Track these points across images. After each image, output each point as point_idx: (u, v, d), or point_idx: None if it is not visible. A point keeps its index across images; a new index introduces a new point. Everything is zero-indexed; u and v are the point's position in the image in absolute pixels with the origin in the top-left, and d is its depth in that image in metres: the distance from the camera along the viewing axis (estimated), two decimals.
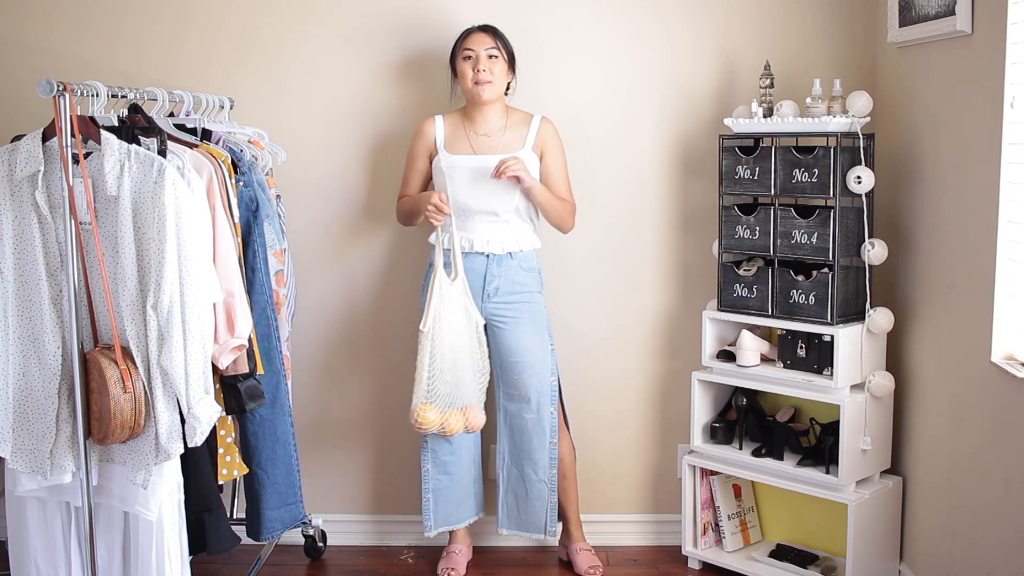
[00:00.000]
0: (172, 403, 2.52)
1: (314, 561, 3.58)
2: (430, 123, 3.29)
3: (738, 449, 3.37)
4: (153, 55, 3.49)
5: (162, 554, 2.60)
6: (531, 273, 3.29)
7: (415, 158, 3.31)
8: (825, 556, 3.35)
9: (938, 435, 3.00)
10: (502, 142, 3.24)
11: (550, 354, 3.31)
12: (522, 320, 3.27)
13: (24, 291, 2.56)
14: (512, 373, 3.28)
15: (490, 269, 3.23)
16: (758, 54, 3.40)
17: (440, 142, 3.26)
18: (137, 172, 2.48)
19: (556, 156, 3.28)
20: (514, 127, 3.26)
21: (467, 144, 3.24)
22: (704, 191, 3.49)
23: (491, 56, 3.18)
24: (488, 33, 3.21)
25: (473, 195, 3.19)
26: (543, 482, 3.34)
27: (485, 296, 3.24)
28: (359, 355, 3.64)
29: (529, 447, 3.31)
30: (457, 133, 3.26)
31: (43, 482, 2.59)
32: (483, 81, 3.16)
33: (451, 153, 3.24)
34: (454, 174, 3.20)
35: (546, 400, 3.30)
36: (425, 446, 3.35)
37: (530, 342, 3.27)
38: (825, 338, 3.12)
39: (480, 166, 3.19)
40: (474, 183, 3.19)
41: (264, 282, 2.92)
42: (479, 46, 3.18)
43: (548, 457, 3.33)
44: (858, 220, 3.09)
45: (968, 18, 2.68)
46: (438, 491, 3.36)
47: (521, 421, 3.31)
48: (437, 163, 3.25)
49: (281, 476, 3.02)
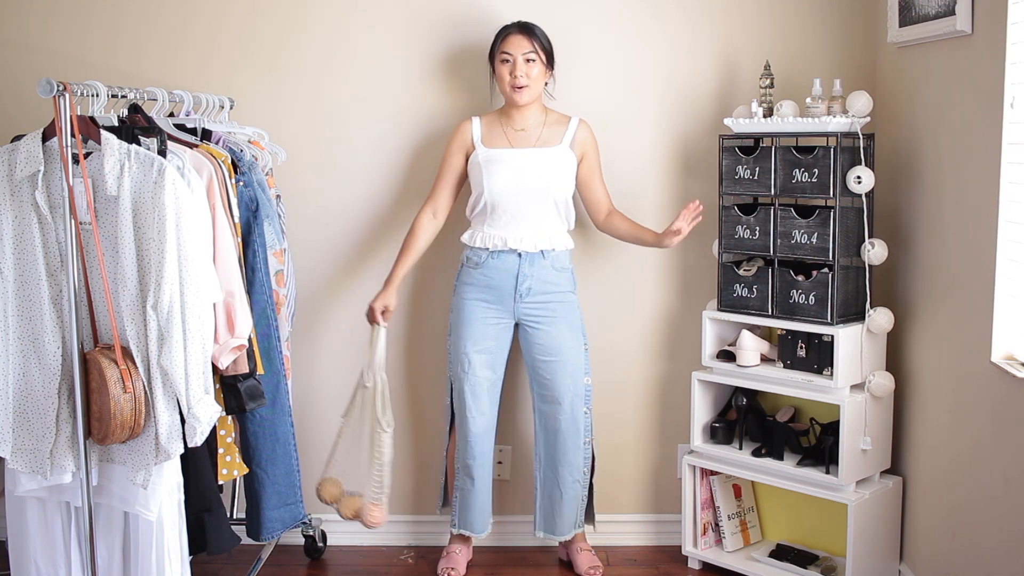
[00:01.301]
0: (172, 403, 2.52)
1: (314, 561, 3.58)
2: (467, 123, 3.31)
3: (738, 449, 3.37)
4: (153, 55, 3.49)
5: (162, 554, 2.60)
6: (564, 273, 3.28)
7: (450, 155, 3.30)
8: (825, 556, 3.35)
9: (938, 435, 3.00)
10: (540, 137, 3.24)
11: (584, 354, 3.32)
12: (556, 319, 3.26)
13: (24, 291, 2.56)
14: (545, 373, 3.27)
15: (522, 268, 3.22)
16: (758, 54, 3.40)
17: (478, 139, 3.27)
18: (137, 172, 2.48)
19: (596, 157, 3.32)
20: (552, 125, 3.27)
21: (504, 139, 3.24)
22: (704, 191, 3.49)
23: (528, 60, 3.18)
24: (525, 35, 3.19)
25: (510, 188, 3.19)
26: (577, 482, 3.34)
27: (517, 296, 3.23)
28: (359, 355, 3.63)
29: (564, 448, 3.30)
30: (494, 130, 3.27)
31: (43, 482, 2.59)
32: (519, 85, 3.17)
33: (489, 148, 3.24)
34: (492, 166, 3.20)
35: (579, 400, 3.30)
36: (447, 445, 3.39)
37: (564, 342, 3.27)
38: (825, 338, 3.12)
39: (518, 158, 3.20)
40: (511, 175, 3.19)
41: (264, 282, 2.92)
42: (516, 50, 3.17)
43: (582, 457, 3.33)
44: (858, 220, 3.09)
45: (968, 18, 2.68)
46: (464, 492, 3.36)
47: (555, 422, 3.30)
48: (475, 158, 3.24)
49: (281, 476, 3.02)
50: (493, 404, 3.32)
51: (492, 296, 3.23)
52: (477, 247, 3.24)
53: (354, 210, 3.56)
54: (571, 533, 3.39)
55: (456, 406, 3.33)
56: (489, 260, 3.23)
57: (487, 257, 3.23)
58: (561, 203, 3.24)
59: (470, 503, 3.36)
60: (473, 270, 3.27)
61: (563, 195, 3.23)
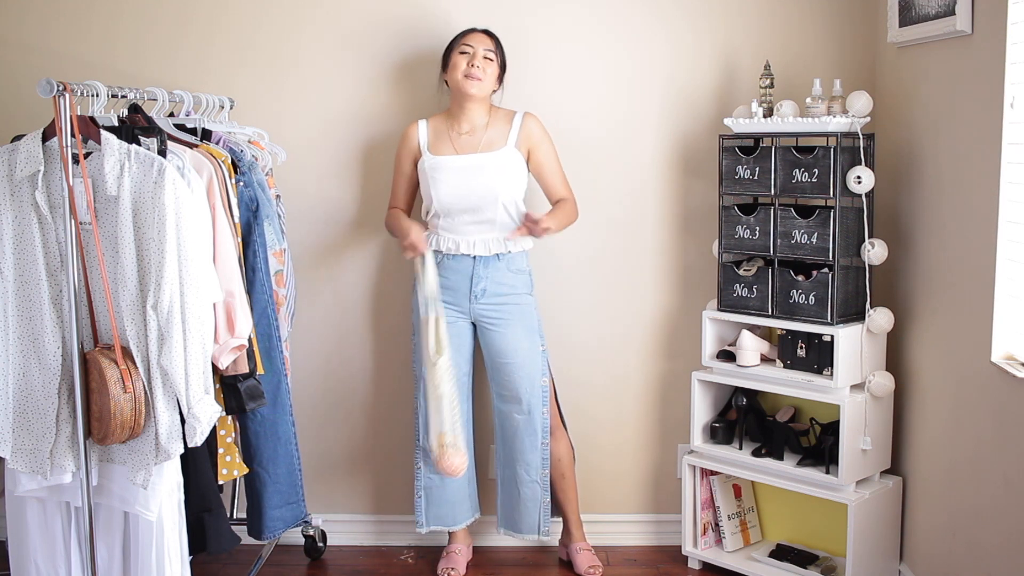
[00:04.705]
0: (172, 403, 2.52)
1: (314, 561, 3.58)
2: (414, 128, 3.31)
3: (738, 449, 3.37)
4: (153, 55, 3.49)
5: (162, 554, 2.60)
6: (519, 275, 3.28)
7: (401, 164, 3.33)
8: (825, 556, 3.35)
9: (938, 435, 3.00)
10: (484, 139, 3.24)
11: (541, 355, 3.31)
12: (511, 322, 3.26)
13: (24, 291, 2.56)
14: (502, 374, 3.28)
15: (476, 271, 3.22)
16: (758, 54, 3.40)
17: (424, 144, 3.27)
18: (137, 172, 2.48)
19: (545, 148, 3.28)
20: (496, 124, 3.26)
21: (450, 144, 3.24)
22: (704, 191, 3.49)
23: (487, 57, 3.19)
24: (489, 36, 3.23)
25: (456, 196, 3.19)
26: (535, 482, 3.33)
27: (472, 297, 3.24)
28: (359, 355, 3.64)
29: (521, 447, 3.31)
30: (440, 135, 3.27)
31: (43, 482, 2.59)
32: (474, 76, 3.16)
33: (434, 154, 3.24)
34: (437, 175, 3.20)
35: (537, 401, 3.30)
36: (418, 444, 3.35)
37: (520, 344, 3.27)
38: (825, 338, 3.12)
39: (463, 166, 3.20)
40: (457, 183, 3.19)
41: (264, 282, 2.92)
42: (478, 44, 3.19)
43: (540, 457, 3.33)
44: (858, 220, 3.09)
45: (968, 18, 2.68)
46: (430, 489, 3.36)
47: (512, 422, 3.31)
48: (421, 165, 3.25)
49: (283, 475, 3.02)
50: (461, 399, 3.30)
51: (449, 296, 3.23)
52: (433, 249, 3.23)
53: (354, 210, 3.56)
54: (536, 534, 3.38)
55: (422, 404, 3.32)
56: (445, 261, 3.23)
57: (443, 259, 3.23)
58: (511, 205, 3.22)
59: (438, 497, 3.36)
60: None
61: (512, 197, 3.22)
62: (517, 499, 3.37)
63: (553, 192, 3.31)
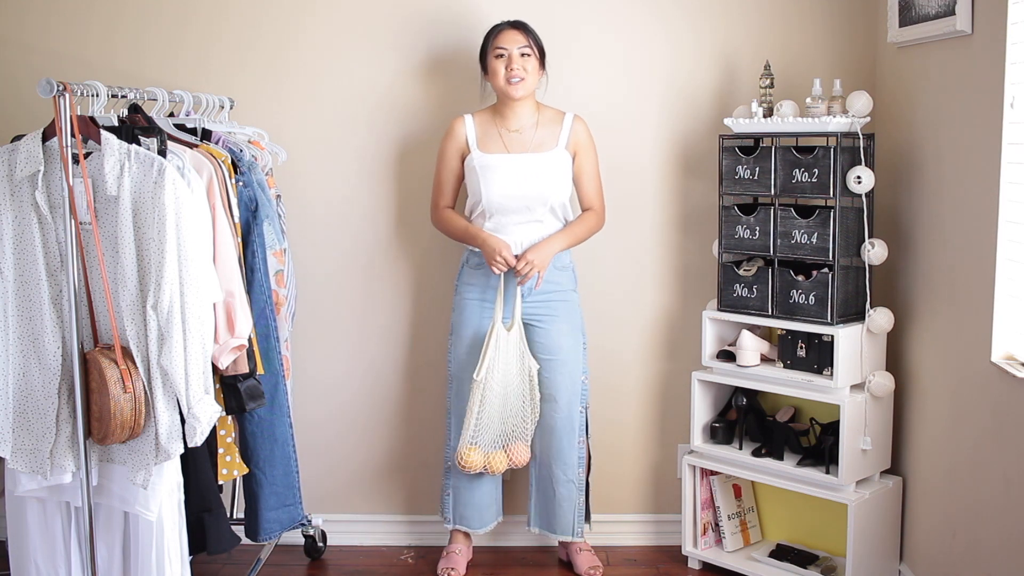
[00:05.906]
0: (172, 403, 2.52)
1: (314, 561, 3.57)
2: (460, 123, 3.27)
3: (738, 449, 3.37)
4: (153, 55, 3.49)
5: (162, 554, 2.60)
6: (564, 272, 3.28)
7: (447, 159, 3.28)
8: (825, 556, 3.35)
9: (938, 435, 3.00)
10: (535, 139, 3.23)
11: (582, 353, 3.32)
12: (558, 318, 3.27)
13: (24, 291, 2.56)
14: (544, 372, 3.27)
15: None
16: (758, 54, 3.40)
17: (472, 141, 3.25)
18: (137, 172, 2.48)
19: (590, 155, 3.28)
20: (546, 124, 3.25)
21: (500, 142, 3.23)
22: (704, 191, 3.49)
23: (523, 54, 3.17)
24: (519, 30, 3.18)
25: (507, 195, 3.18)
26: (571, 482, 3.33)
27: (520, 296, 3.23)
28: (359, 355, 3.63)
29: (559, 446, 3.30)
30: (489, 131, 3.25)
31: (43, 482, 2.59)
32: (516, 77, 3.15)
33: (484, 152, 3.23)
34: (488, 173, 3.19)
35: (576, 399, 3.30)
36: (448, 443, 3.36)
37: (564, 341, 3.27)
38: (825, 338, 3.12)
39: (515, 164, 3.19)
40: (509, 183, 3.18)
41: (263, 282, 2.91)
42: (511, 44, 3.16)
43: (577, 456, 3.33)
44: (858, 220, 3.09)
45: (968, 18, 2.68)
46: (459, 489, 3.36)
47: (550, 420, 3.30)
48: (470, 162, 3.23)
49: (280, 477, 3.02)
50: None
51: (493, 296, 3.23)
52: (478, 248, 3.24)
53: (354, 210, 3.56)
54: (570, 536, 3.38)
55: (456, 404, 3.33)
56: None
57: None
58: (559, 207, 3.23)
59: (466, 498, 3.36)
60: (474, 271, 3.27)
61: (560, 199, 3.22)
62: (553, 499, 3.35)
63: (586, 199, 3.31)
